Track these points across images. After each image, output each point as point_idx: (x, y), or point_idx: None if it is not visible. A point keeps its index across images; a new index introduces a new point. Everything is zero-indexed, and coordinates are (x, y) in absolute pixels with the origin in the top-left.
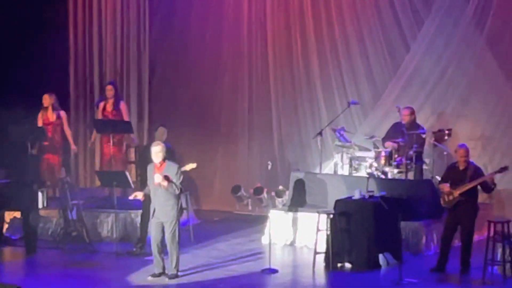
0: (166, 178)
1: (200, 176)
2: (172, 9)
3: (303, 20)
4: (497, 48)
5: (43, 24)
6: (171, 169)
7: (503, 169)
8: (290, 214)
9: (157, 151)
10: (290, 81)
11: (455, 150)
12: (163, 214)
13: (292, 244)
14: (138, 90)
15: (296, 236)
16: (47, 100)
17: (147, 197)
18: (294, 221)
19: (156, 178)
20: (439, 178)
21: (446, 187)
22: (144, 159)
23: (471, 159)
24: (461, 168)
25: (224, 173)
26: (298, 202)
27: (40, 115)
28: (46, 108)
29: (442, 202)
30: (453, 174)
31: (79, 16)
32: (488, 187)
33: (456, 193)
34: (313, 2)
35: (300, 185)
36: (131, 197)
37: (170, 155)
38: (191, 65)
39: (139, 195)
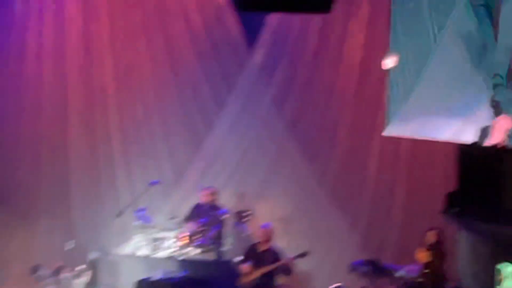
0: None
1: None
2: None
3: (105, 97)
4: (297, 130)
5: None
6: None
7: (302, 255)
8: None
9: None
10: (90, 158)
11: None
12: None
13: None
14: None
15: None
16: None
17: None
18: None
19: None
20: (239, 259)
21: (246, 267)
22: None
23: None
24: (261, 249)
25: (24, 253)
26: (95, 283)
27: None
28: None
29: (241, 282)
30: (253, 255)
31: None
32: (287, 270)
33: (256, 274)
34: (116, 78)
35: (97, 265)
36: None
37: None
38: None
39: None
